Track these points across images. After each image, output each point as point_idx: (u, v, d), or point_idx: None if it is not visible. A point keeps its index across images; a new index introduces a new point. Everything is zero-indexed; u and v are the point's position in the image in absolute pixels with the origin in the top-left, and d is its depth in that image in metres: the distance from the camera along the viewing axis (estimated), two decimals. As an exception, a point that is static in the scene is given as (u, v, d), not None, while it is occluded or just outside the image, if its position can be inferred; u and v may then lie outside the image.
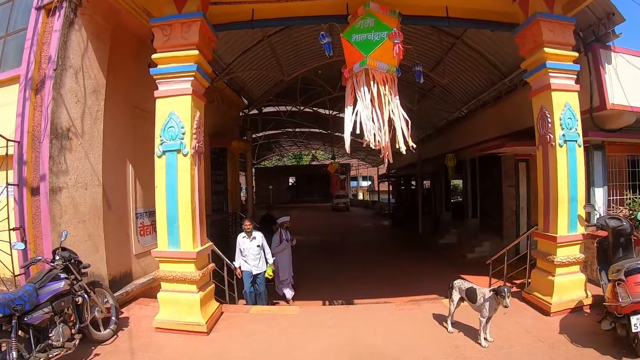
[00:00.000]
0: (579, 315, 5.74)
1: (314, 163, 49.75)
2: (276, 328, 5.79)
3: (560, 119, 5.85)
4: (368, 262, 14.11)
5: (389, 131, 5.36)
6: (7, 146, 5.53)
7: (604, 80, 7.27)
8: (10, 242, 5.33)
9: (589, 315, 5.72)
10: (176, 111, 5.48)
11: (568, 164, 5.87)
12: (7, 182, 5.59)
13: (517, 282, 8.19)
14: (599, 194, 8.07)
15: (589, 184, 7.78)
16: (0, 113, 6.00)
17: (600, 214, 6.69)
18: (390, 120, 5.40)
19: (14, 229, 5.51)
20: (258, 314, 6.45)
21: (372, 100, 5.34)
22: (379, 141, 5.29)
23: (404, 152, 5.41)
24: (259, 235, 8.25)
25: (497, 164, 12.23)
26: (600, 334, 4.88)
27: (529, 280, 6.59)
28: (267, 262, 8.31)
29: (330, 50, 6.51)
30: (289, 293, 9.44)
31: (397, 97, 5.55)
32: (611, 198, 8.34)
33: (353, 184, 58.12)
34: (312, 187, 47.84)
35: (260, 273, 8.18)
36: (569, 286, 5.89)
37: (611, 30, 7.32)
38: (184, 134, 5.46)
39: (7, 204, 5.56)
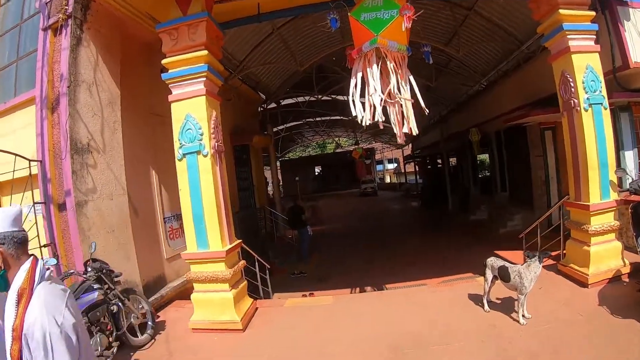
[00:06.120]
0: (617, 285, 5.55)
1: (338, 151, 49.45)
2: (311, 320, 5.80)
3: (583, 82, 5.64)
4: (399, 245, 13.96)
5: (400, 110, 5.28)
6: (29, 167, 5.63)
7: (624, 38, 6.93)
8: (42, 258, 5.40)
9: (628, 284, 5.53)
10: (192, 113, 5.49)
11: (595, 128, 5.65)
12: (33, 201, 5.69)
13: (553, 254, 7.98)
14: (630, 157, 7.73)
15: (618, 148, 7.48)
16: (21, 135, 6.14)
17: (633, 178, 6.45)
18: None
19: (44, 246, 5.61)
20: (293, 306, 6.47)
21: (382, 79, 5.22)
22: (393, 121, 5.21)
23: (415, 133, 5.34)
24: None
25: (523, 134, 11.83)
26: (642, 303, 4.70)
27: (564, 252, 6.43)
28: None
29: (336, 24, 6.32)
30: None
31: (410, 75, 5.43)
32: (643, 160, 8.02)
33: (379, 167, 57.41)
34: (338, 175, 47.47)
35: None
36: (606, 255, 5.71)
37: (626, -15, 6.93)
38: (202, 134, 5.47)
39: (36, 223, 5.65)
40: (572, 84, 5.72)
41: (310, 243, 12.88)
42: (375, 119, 5.16)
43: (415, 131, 5.30)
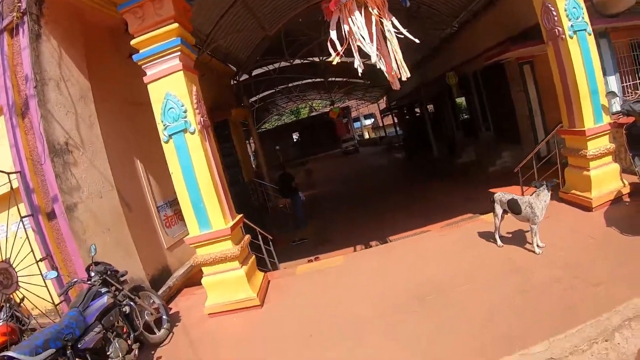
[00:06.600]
0: (620, 205, 5.67)
1: (313, 114, 48.91)
2: (327, 283, 5.78)
3: (566, 10, 5.59)
4: (392, 198, 13.99)
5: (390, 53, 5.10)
6: (9, 180, 5.27)
7: (599, -37, 6.88)
8: (41, 273, 5.09)
9: (630, 203, 5.68)
10: (171, 91, 5.20)
11: (582, 55, 5.65)
12: (20, 216, 5.32)
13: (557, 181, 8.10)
14: (613, 82, 7.86)
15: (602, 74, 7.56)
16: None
17: (622, 101, 6.52)
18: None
19: (41, 260, 5.29)
20: (305, 273, 6.43)
21: (367, 24, 5.00)
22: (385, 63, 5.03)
23: (405, 78, 5.16)
24: None
25: (501, 72, 11.77)
26: (647, 220, 4.78)
27: (563, 180, 6.50)
28: None
29: None
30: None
31: (393, 18, 5.22)
32: (625, 84, 8.13)
33: (356, 125, 56.83)
34: (317, 138, 46.75)
35: None
36: (606, 178, 5.82)
37: None
38: (185, 111, 5.21)
39: (27, 238, 5.32)
40: (554, 13, 5.68)
41: (305, 208, 12.84)
42: (375, 63, 4.96)
43: (407, 74, 5.14)
